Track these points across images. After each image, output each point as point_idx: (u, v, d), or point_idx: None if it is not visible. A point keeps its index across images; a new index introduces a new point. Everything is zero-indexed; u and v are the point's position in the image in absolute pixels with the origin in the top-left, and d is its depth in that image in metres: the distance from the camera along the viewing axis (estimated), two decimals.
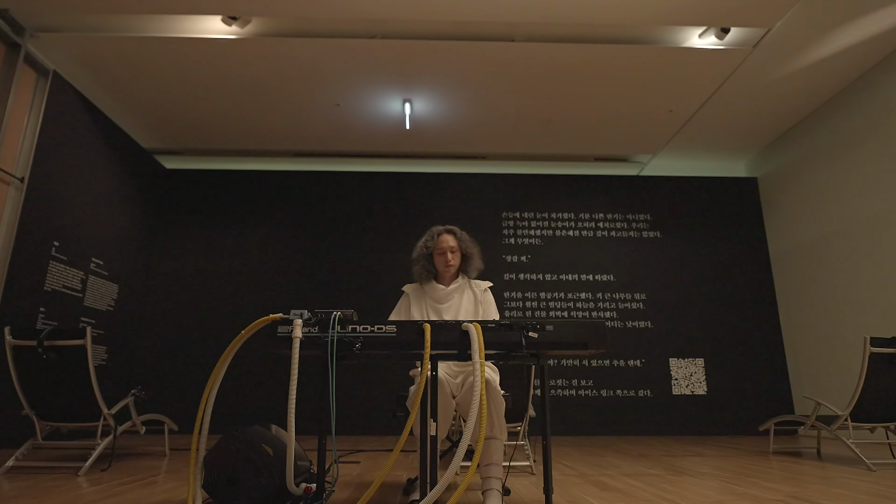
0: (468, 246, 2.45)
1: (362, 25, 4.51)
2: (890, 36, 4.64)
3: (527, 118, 5.90)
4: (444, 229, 2.46)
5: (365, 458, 3.57)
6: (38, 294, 4.43)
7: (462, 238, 2.46)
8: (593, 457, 3.76)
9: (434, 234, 2.46)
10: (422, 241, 2.48)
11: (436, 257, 2.41)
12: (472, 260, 2.46)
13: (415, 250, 2.49)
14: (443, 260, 2.39)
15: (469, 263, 2.46)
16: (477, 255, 2.48)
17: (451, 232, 2.45)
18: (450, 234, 2.43)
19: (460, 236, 2.46)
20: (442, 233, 2.44)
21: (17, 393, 3.01)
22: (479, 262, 2.49)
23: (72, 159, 4.88)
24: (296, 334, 1.87)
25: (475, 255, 2.47)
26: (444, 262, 2.39)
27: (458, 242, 2.43)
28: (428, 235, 2.47)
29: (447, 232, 2.45)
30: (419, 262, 2.45)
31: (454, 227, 2.49)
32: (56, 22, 4.43)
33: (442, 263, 2.40)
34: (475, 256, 2.47)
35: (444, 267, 2.40)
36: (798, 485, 2.55)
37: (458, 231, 2.47)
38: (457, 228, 2.49)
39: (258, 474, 1.85)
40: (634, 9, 4.15)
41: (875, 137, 5.11)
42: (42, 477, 2.68)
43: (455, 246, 2.41)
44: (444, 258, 2.39)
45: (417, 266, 2.45)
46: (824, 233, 5.72)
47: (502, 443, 2.06)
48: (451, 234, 2.44)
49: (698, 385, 6.07)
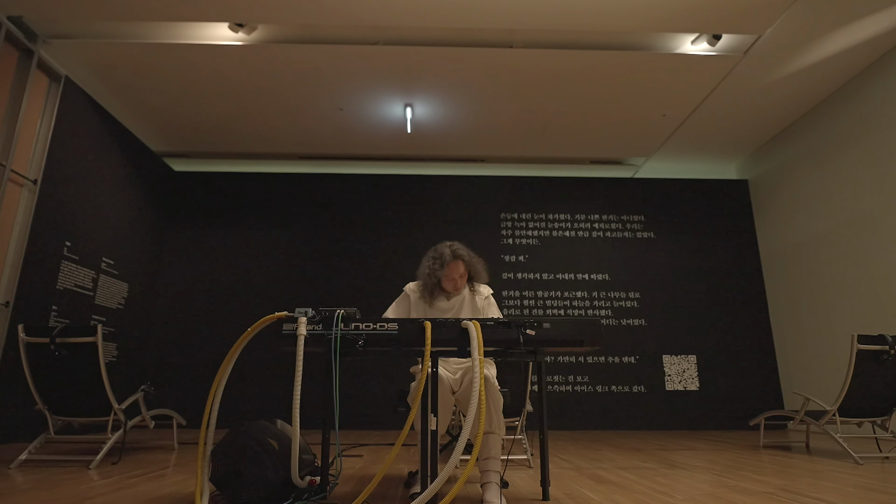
0: (474, 268, 2.37)
1: (365, 32, 4.51)
2: (876, 42, 4.64)
3: (525, 122, 5.90)
4: (452, 254, 2.31)
5: (367, 452, 3.57)
6: (51, 292, 4.43)
7: (469, 262, 2.35)
8: (589, 450, 3.76)
9: (443, 260, 2.31)
10: (429, 263, 2.35)
11: (444, 281, 2.34)
12: (478, 276, 2.41)
13: (421, 268, 2.39)
14: (451, 285, 2.34)
15: (475, 280, 2.42)
16: (482, 269, 2.41)
17: (460, 258, 2.32)
18: (459, 262, 2.32)
19: (468, 261, 2.34)
20: (450, 261, 2.30)
21: (30, 388, 3.01)
22: (485, 276, 2.43)
23: (83, 162, 4.89)
24: (300, 332, 1.87)
25: (481, 272, 2.41)
26: (453, 286, 2.35)
27: (465, 268, 2.34)
28: (436, 260, 2.33)
29: (455, 259, 2.31)
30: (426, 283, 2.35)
31: (460, 249, 2.35)
32: (68, 29, 4.44)
33: (450, 287, 2.35)
34: (481, 273, 2.41)
35: (453, 290, 2.36)
36: (787, 478, 2.55)
37: (465, 255, 2.34)
38: (462, 249, 2.36)
39: (264, 467, 1.85)
40: (629, 16, 4.15)
41: (862, 141, 5.11)
42: (54, 470, 2.68)
43: (464, 272, 2.34)
44: (452, 283, 2.34)
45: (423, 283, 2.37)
46: (813, 233, 5.72)
47: (500, 437, 2.05)
48: (460, 260, 2.32)
49: (691, 381, 6.07)
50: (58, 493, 2.10)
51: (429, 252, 2.41)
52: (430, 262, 2.36)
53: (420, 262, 2.44)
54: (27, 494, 2.07)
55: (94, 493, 2.09)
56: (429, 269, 2.34)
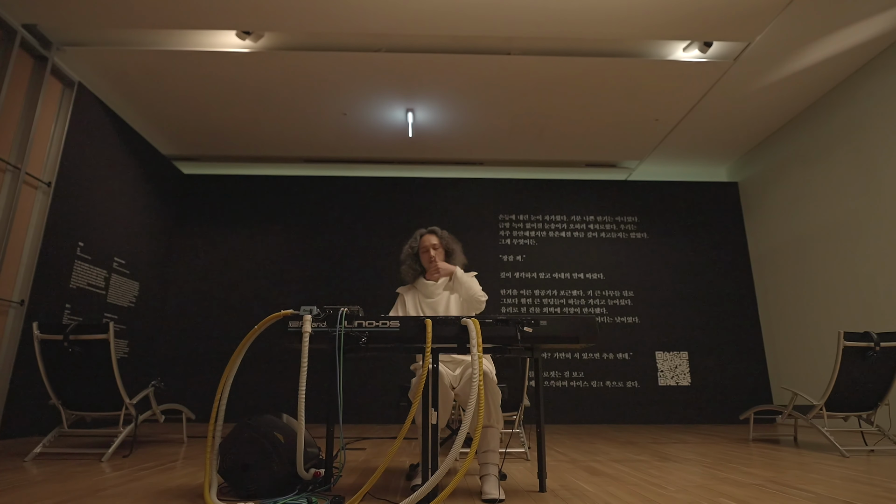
0: (449, 242, 2.52)
1: (368, 40, 4.51)
2: (860, 50, 4.64)
3: (522, 126, 5.90)
4: (427, 230, 2.53)
5: (370, 446, 3.57)
6: (64, 291, 4.43)
7: (443, 236, 2.52)
8: (584, 444, 3.76)
9: (417, 235, 2.53)
10: (407, 244, 2.55)
11: (421, 255, 2.48)
12: (454, 255, 2.51)
13: (402, 253, 2.55)
14: (426, 257, 2.45)
15: (452, 258, 2.50)
16: (459, 250, 2.54)
17: (433, 232, 2.52)
18: (431, 234, 2.51)
19: (441, 234, 2.52)
20: (424, 234, 2.52)
21: (44, 384, 3.02)
22: (461, 257, 2.53)
23: (95, 165, 4.89)
24: (305, 329, 1.87)
25: (457, 251, 2.53)
26: (428, 258, 2.44)
27: (439, 240, 2.49)
28: (413, 238, 2.54)
29: (429, 232, 2.52)
30: (406, 262, 2.51)
31: (435, 228, 2.56)
32: (81, 36, 4.44)
33: (426, 260, 2.45)
34: (457, 252, 2.52)
35: (429, 263, 2.45)
36: (776, 470, 2.55)
37: (438, 230, 2.54)
38: (438, 228, 2.56)
39: (270, 460, 1.85)
40: (623, 24, 4.15)
41: (848, 144, 5.11)
42: (68, 463, 2.68)
43: (437, 243, 2.48)
44: (427, 255, 2.45)
45: (405, 266, 2.51)
46: (800, 234, 5.72)
47: (499, 431, 2.06)
48: (433, 233, 2.51)
49: (683, 377, 6.07)
50: (71, 484, 2.10)
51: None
52: (408, 243, 2.55)
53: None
54: (42, 486, 2.07)
55: (106, 485, 2.09)
56: (407, 246, 2.53)
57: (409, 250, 2.52)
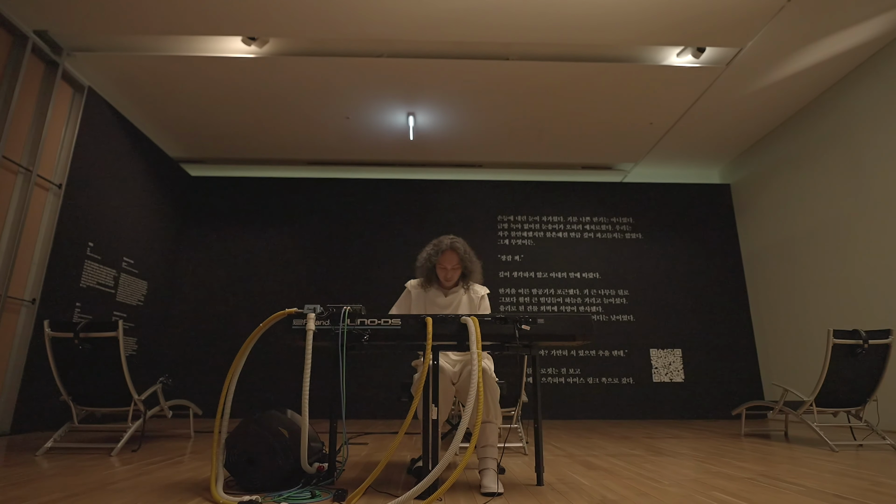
0: (469, 264, 2.35)
1: (370, 45, 4.51)
2: (850, 55, 4.65)
3: (520, 129, 5.90)
4: (450, 245, 2.31)
5: (372, 440, 3.57)
6: (75, 290, 4.43)
7: (464, 256, 2.33)
8: (581, 439, 3.76)
9: (440, 248, 2.32)
10: (428, 249, 2.37)
11: (438, 269, 2.35)
12: (471, 276, 2.39)
13: (420, 256, 2.40)
14: (443, 274, 2.35)
15: (469, 278, 2.40)
16: (477, 270, 2.39)
17: (455, 250, 2.31)
18: (453, 253, 2.31)
19: (463, 255, 2.32)
20: (447, 250, 2.31)
21: (55, 380, 3.02)
22: (479, 277, 2.42)
23: (105, 167, 4.89)
24: (309, 327, 1.87)
25: (475, 272, 2.39)
26: (444, 276, 2.35)
27: (459, 261, 2.33)
28: (434, 247, 2.35)
29: (452, 249, 2.31)
30: (422, 270, 2.38)
31: (459, 243, 2.34)
32: (90, 42, 4.44)
33: (442, 277, 2.35)
34: (475, 273, 2.39)
35: (444, 280, 2.36)
36: (767, 464, 2.55)
37: (461, 249, 2.33)
38: (461, 244, 2.34)
39: (275, 455, 1.86)
40: (618, 30, 4.15)
41: (838, 147, 5.11)
42: (78, 457, 2.68)
43: (456, 264, 2.33)
44: (444, 273, 2.34)
45: (421, 271, 2.40)
46: (791, 234, 5.72)
47: (497, 426, 2.05)
48: (454, 251, 2.31)
49: (676, 373, 6.07)
50: (81, 478, 2.10)
51: (434, 240, 2.41)
52: (430, 247, 2.38)
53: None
54: (53, 480, 2.07)
55: (115, 479, 2.10)
56: (426, 255, 2.37)
57: (428, 262, 2.34)
